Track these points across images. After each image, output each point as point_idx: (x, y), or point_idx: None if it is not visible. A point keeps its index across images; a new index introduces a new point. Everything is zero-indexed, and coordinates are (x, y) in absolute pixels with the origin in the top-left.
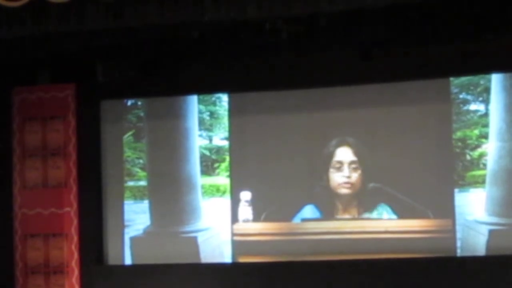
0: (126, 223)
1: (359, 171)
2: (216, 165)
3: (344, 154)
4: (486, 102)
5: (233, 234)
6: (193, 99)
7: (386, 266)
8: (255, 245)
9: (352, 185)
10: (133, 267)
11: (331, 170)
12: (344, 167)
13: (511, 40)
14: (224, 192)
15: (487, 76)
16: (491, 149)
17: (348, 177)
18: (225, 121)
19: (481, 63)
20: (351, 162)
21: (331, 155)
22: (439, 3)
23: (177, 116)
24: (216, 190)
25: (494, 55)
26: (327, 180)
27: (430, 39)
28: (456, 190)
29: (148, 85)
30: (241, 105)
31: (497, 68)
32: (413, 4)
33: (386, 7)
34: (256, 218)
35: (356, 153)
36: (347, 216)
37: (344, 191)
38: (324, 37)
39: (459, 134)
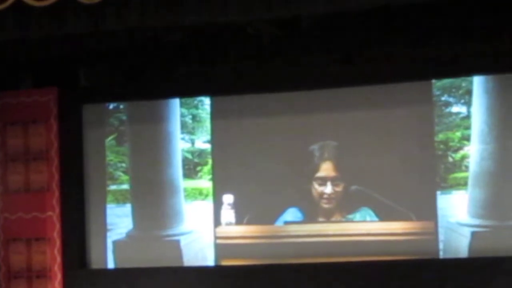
0: (108, 227)
1: (341, 185)
2: (198, 168)
3: (327, 170)
4: (468, 104)
5: (216, 237)
6: (175, 103)
7: (368, 269)
8: (238, 248)
9: (333, 199)
10: (116, 271)
11: (314, 183)
12: (327, 184)
13: (493, 42)
14: (206, 195)
15: (469, 78)
16: (473, 151)
17: (330, 194)
18: (207, 124)
19: (463, 66)
20: (334, 179)
21: (315, 168)
22: (421, 7)
23: (159, 119)
24: (198, 193)
25: (476, 58)
26: (311, 191)
27: (411, 41)
28: (438, 192)
29: (130, 89)
30: (223, 108)
31: (479, 70)
32: (394, 7)
33: (367, 10)
34: (239, 221)
35: (337, 167)
36: (329, 219)
37: (325, 206)
38: (306, 41)
39: (441, 136)
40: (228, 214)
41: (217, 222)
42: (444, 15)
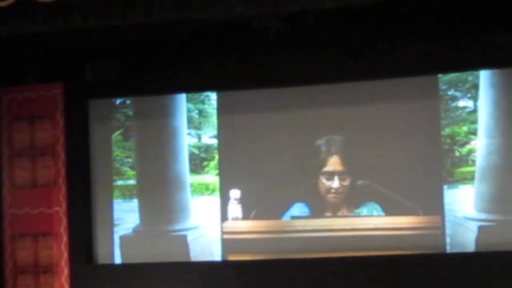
0: (115, 222)
1: (348, 180)
2: (205, 163)
3: (334, 164)
4: (475, 98)
5: (223, 232)
6: (182, 98)
7: (376, 263)
8: (245, 243)
9: (340, 194)
10: (123, 266)
11: (321, 177)
12: (334, 178)
13: (498, 36)
14: (213, 191)
15: (475, 72)
16: (479, 145)
17: (337, 188)
18: (213, 119)
19: (469, 60)
20: (341, 173)
21: (322, 163)
22: (427, 1)
23: (166, 114)
24: (205, 189)
25: (482, 52)
26: (317, 186)
27: (418, 36)
28: (445, 186)
29: (136, 84)
30: (230, 103)
31: (485, 64)
32: (400, 1)
33: (373, 4)
34: (246, 216)
35: (344, 161)
36: (336, 214)
37: (332, 200)
38: (312, 35)
39: (447, 130)
40: (235, 209)
41: (224, 217)
42: (450, 9)
